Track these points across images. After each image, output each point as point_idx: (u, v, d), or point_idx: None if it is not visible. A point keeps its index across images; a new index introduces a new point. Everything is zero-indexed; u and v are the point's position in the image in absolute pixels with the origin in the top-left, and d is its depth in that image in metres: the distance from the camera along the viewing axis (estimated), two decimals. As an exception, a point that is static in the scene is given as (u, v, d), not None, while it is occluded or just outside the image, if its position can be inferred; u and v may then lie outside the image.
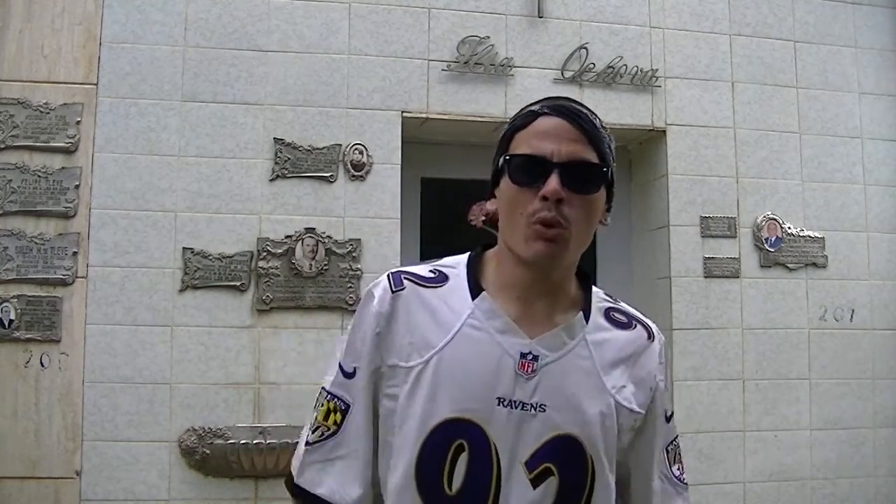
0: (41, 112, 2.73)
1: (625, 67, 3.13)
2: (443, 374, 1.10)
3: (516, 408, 1.09)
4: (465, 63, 3.01)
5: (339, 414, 1.15)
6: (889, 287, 3.29)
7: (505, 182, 1.14)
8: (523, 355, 1.11)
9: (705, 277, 3.12)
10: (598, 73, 3.11)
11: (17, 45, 2.76)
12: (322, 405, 1.17)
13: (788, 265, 3.20)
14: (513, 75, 3.05)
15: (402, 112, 2.97)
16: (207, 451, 2.67)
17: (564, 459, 1.09)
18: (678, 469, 1.24)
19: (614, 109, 3.12)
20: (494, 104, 3.03)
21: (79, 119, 2.75)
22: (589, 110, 1.17)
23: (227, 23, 2.89)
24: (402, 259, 2.90)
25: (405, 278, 1.18)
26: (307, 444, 1.17)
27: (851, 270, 3.26)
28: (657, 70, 3.16)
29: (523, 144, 1.14)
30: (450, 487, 1.08)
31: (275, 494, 2.71)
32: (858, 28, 3.39)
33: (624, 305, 1.26)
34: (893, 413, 3.23)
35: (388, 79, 2.97)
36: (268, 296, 2.80)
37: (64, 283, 2.69)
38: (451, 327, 1.13)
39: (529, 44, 3.09)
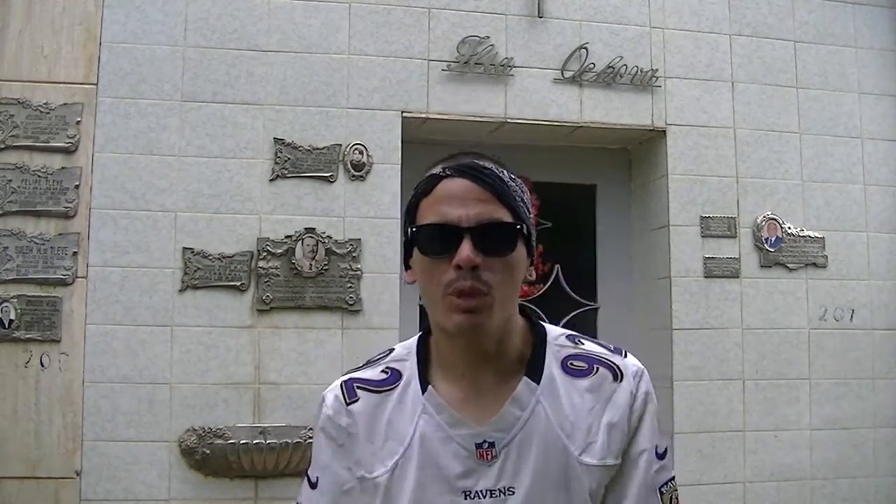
0: (41, 112, 2.73)
1: (625, 67, 3.13)
2: (407, 479, 1.07)
3: (484, 497, 1.05)
4: (465, 63, 3.01)
5: None
6: (889, 287, 3.29)
7: (416, 254, 1.09)
8: (478, 445, 1.06)
9: (705, 277, 3.12)
10: (598, 73, 3.11)
11: (17, 45, 2.76)
12: None
13: (788, 265, 3.19)
14: (513, 75, 3.05)
15: (402, 112, 2.96)
16: (207, 451, 2.67)
17: None
18: None
19: (614, 109, 3.13)
20: (494, 104, 3.03)
21: (79, 119, 2.75)
22: (495, 163, 1.10)
23: (227, 23, 2.89)
24: (401, 259, 2.90)
25: (358, 388, 1.15)
26: None
27: (851, 270, 3.25)
28: (657, 70, 3.16)
29: (429, 212, 1.07)
30: None
31: (275, 494, 2.72)
32: (858, 28, 3.39)
33: (587, 346, 1.15)
34: (893, 413, 3.23)
35: (388, 79, 2.97)
36: (268, 296, 2.80)
37: (64, 283, 2.69)
38: (408, 430, 1.09)
39: (529, 44, 3.09)
